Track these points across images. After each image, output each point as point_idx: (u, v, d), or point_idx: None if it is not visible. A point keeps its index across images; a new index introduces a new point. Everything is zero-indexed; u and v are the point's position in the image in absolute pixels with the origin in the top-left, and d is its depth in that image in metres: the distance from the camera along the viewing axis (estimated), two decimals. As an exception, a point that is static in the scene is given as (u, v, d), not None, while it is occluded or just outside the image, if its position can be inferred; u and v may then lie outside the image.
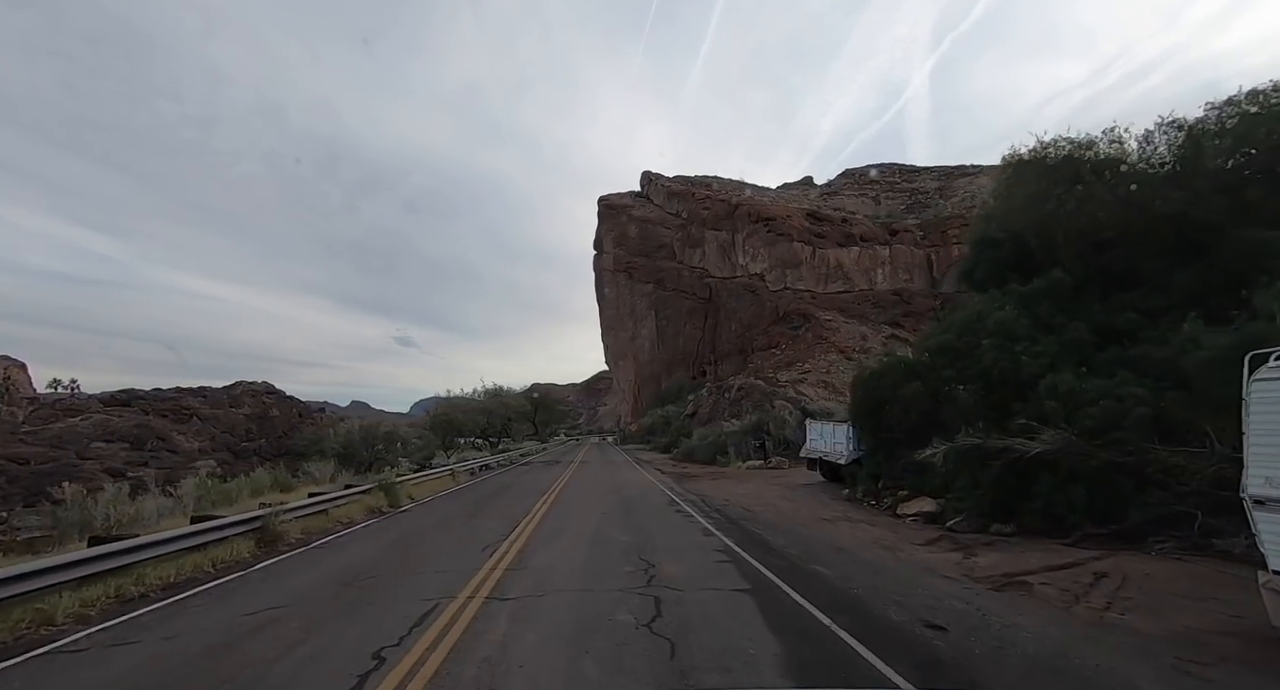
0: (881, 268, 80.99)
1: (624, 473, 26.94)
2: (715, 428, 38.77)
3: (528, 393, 69.87)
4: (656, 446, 51.32)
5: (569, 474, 25.88)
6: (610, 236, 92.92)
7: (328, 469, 22.49)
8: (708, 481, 22.50)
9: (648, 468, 31.11)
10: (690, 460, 36.83)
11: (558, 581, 7.48)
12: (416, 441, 34.68)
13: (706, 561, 8.75)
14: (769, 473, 25.95)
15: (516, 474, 26.62)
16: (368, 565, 8.69)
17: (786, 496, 17.63)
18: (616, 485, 20.70)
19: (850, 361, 67.04)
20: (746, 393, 45.71)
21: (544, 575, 7.83)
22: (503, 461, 32.56)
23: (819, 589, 7.30)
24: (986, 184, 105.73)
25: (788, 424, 33.65)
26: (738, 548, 9.79)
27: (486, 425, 42.22)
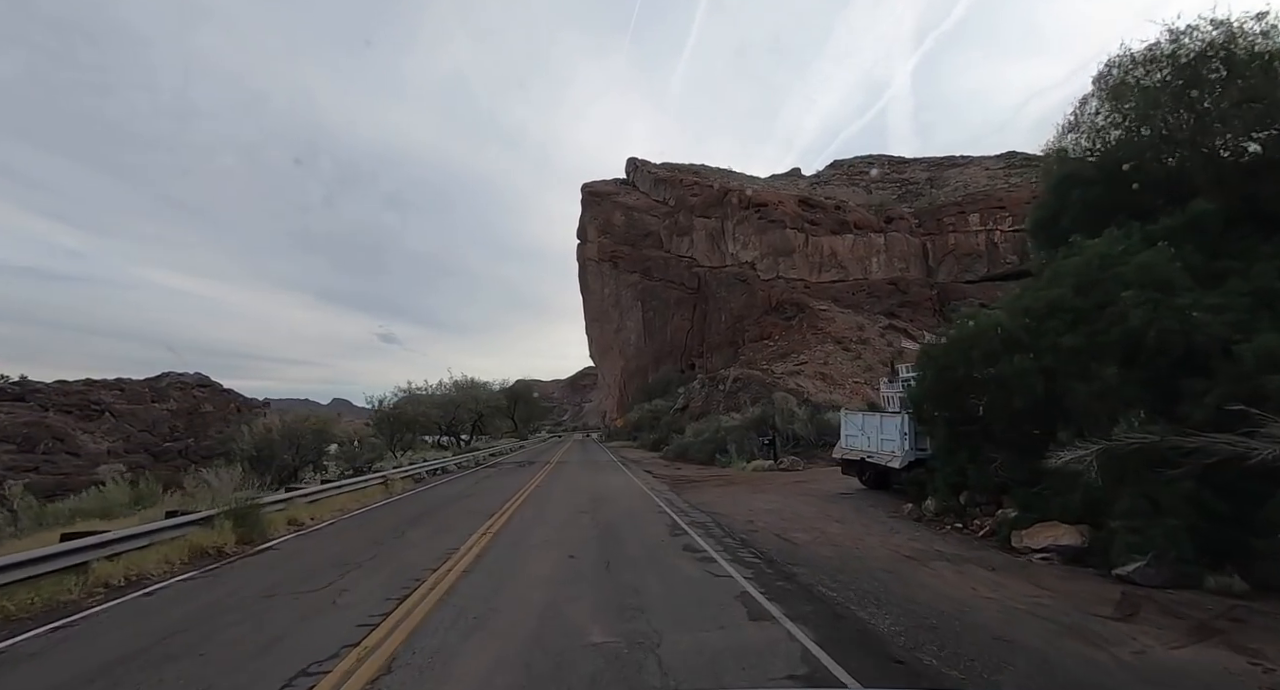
0: (876, 256, 76.72)
1: (607, 477, 21.92)
2: (711, 422, 33.91)
3: (506, 387, 64.56)
4: (644, 444, 46.35)
5: (538, 480, 20.83)
6: (594, 225, 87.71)
7: (233, 477, 17.20)
8: (713, 489, 17.56)
9: (635, 469, 26.15)
10: (684, 460, 31.93)
11: None
12: (374, 440, 29.36)
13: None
14: (783, 476, 21.09)
15: (473, 480, 21.50)
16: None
17: (828, 513, 12.73)
18: (596, 498, 15.66)
19: (848, 353, 62.67)
20: (743, 384, 40.92)
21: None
22: (466, 463, 27.44)
23: None
24: (978, 174, 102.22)
25: (796, 417, 28.85)
26: (820, 651, 4.80)
27: (454, 421, 36.98)
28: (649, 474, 23.62)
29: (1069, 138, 15.96)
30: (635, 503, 14.61)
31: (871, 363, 61.27)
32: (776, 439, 25.12)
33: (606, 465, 28.53)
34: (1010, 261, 78.57)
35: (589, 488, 17.88)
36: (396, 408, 26.96)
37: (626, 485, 18.80)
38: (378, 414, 27.24)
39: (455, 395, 37.98)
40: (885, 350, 64.48)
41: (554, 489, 17.64)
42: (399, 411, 26.85)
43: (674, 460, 32.94)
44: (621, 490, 17.38)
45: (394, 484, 17.55)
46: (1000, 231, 76.92)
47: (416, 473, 20.49)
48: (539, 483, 19.56)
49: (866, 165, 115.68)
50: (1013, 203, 78.51)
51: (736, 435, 29.18)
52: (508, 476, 22.37)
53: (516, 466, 28.02)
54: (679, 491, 17.11)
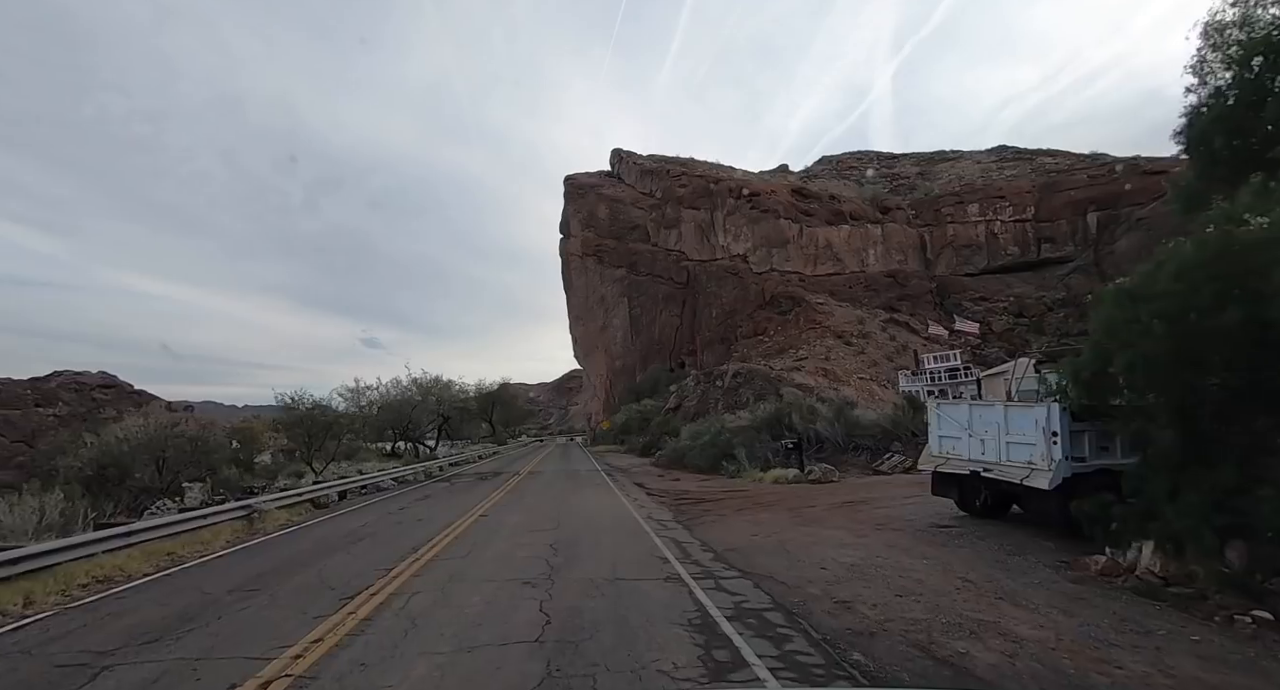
0: (874, 248, 71.82)
1: (586, 497, 16.03)
2: (711, 423, 28.25)
3: (482, 388, 58.38)
4: (633, 448, 40.55)
5: (491, 502, 14.99)
6: (578, 218, 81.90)
7: (47, 505, 11.20)
8: (738, 519, 11.81)
9: (623, 482, 20.41)
10: (681, 467, 26.23)
11: None
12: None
13: None
14: (820, 492, 15.41)
15: (402, 504, 15.55)
16: None
17: (957, 572, 7.03)
18: (564, 542, 9.80)
19: (850, 347, 57.42)
20: (744, 380, 35.33)
21: None
22: (411, 477, 21.51)
23: None
24: (969, 167, 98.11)
25: (818, 415, 23.27)
26: None
27: (410, 425, 31.03)
28: (641, 489, 17.88)
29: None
30: (626, 551, 8.80)
31: (876, 358, 56.10)
32: (802, 442, 19.46)
33: (588, 477, 22.70)
34: (1011, 253, 74.08)
35: (557, 518, 12.03)
36: (314, 409, 20.85)
37: (613, 512, 12.96)
38: (287, 416, 21.11)
39: (413, 395, 31.92)
40: (888, 345, 59.38)
41: (504, 523, 11.77)
42: (314, 414, 20.71)
43: (668, 468, 27.22)
44: (605, 523, 11.54)
45: (270, 517, 11.58)
46: (1000, 222, 72.43)
47: (323, 495, 14.51)
48: (488, 509, 13.71)
49: (856, 160, 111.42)
50: (1013, 192, 74.12)
51: (745, 437, 23.54)
52: (455, 497, 16.46)
53: (475, 480, 22.09)
54: (690, 523, 11.36)
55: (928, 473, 11.37)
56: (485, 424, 63.98)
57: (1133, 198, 66.53)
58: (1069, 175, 73.10)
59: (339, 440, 21.54)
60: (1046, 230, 70.38)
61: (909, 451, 21.21)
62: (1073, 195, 69.48)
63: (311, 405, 20.90)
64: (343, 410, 30.41)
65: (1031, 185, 73.19)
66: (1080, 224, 68.97)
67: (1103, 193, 68.04)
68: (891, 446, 21.60)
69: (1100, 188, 68.59)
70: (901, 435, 21.95)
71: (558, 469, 27.18)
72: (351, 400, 30.58)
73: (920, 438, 22.63)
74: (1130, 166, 69.69)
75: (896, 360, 55.04)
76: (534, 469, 27.32)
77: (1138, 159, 70.91)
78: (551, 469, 27.24)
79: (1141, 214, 66.81)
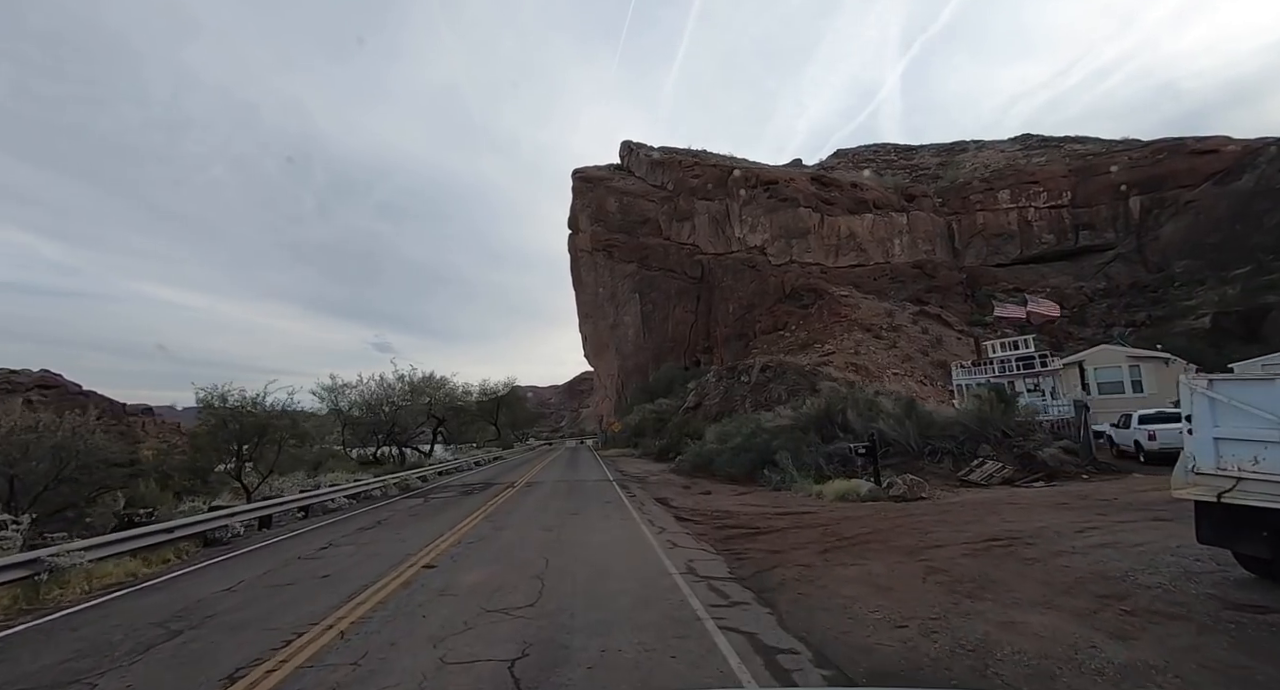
0: (899, 237, 66.74)
1: (590, 527, 11.21)
2: (743, 423, 23.52)
3: (487, 388, 54.01)
4: (648, 452, 35.85)
5: (458, 534, 10.37)
6: (586, 213, 77.54)
7: None
8: (840, 576, 6.95)
9: (640, 497, 15.72)
10: (708, 475, 21.54)
11: None
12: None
13: None
14: (918, 514, 10.55)
15: (342, 531, 10.99)
16: None
17: None
18: (534, 644, 5.11)
19: (880, 340, 52.23)
20: (775, 374, 30.54)
21: None
22: (378, 491, 16.96)
23: None
24: (993, 156, 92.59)
25: (881, 412, 18.44)
26: None
27: (396, 428, 26.59)
28: (666, 510, 13.19)
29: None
30: (666, 677, 4.16)
31: (909, 352, 50.90)
32: (876, 446, 14.60)
33: (596, 491, 18.00)
34: (1046, 241, 68.52)
35: (543, 573, 7.36)
36: (243, 408, 16.05)
37: (630, 559, 8.17)
38: (205, 417, 16.50)
39: (397, 394, 27.49)
40: (921, 338, 54.13)
41: (455, 585, 6.99)
42: (243, 414, 15.89)
43: (692, 475, 22.51)
44: (619, 585, 6.77)
45: (75, 577, 7.05)
46: (1035, 209, 67.01)
47: (223, 528, 9.95)
48: (447, 549, 9.08)
49: (872, 153, 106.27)
50: (1047, 177, 68.62)
51: (788, 440, 18.77)
52: (413, 524, 11.83)
53: (458, 495, 17.47)
54: (762, 585, 6.60)
55: (1198, 502, 6.52)
56: (492, 427, 59.66)
57: (1180, 179, 61.01)
58: (1108, 158, 67.54)
59: (279, 446, 16.98)
60: (1084, 216, 64.91)
61: (1002, 455, 16.35)
62: (1113, 178, 63.99)
63: (239, 403, 16.22)
64: (316, 411, 26.05)
65: (1067, 170, 67.74)
66: (1122, 209, 63.47)
67: (1146, 175, 62.51)
68: (979, 450, 16.75)
69: (1143, 170, 63.05)
70: (989, 436, 17.10)
71: (561, 478, 22.53)
72: (328, 400, 26.23)
73: (1013, 439, 17.81)
74: (1174, 147, 64.09)
75: (932, 354, 49.92)
76: (533, 478, 22.71)
77: (1183, 139, 65.31)
78: (554, 478, 22.60)
79: (1190, 197, 61.18)
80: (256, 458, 16.48)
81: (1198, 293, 54.95)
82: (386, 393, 27.26)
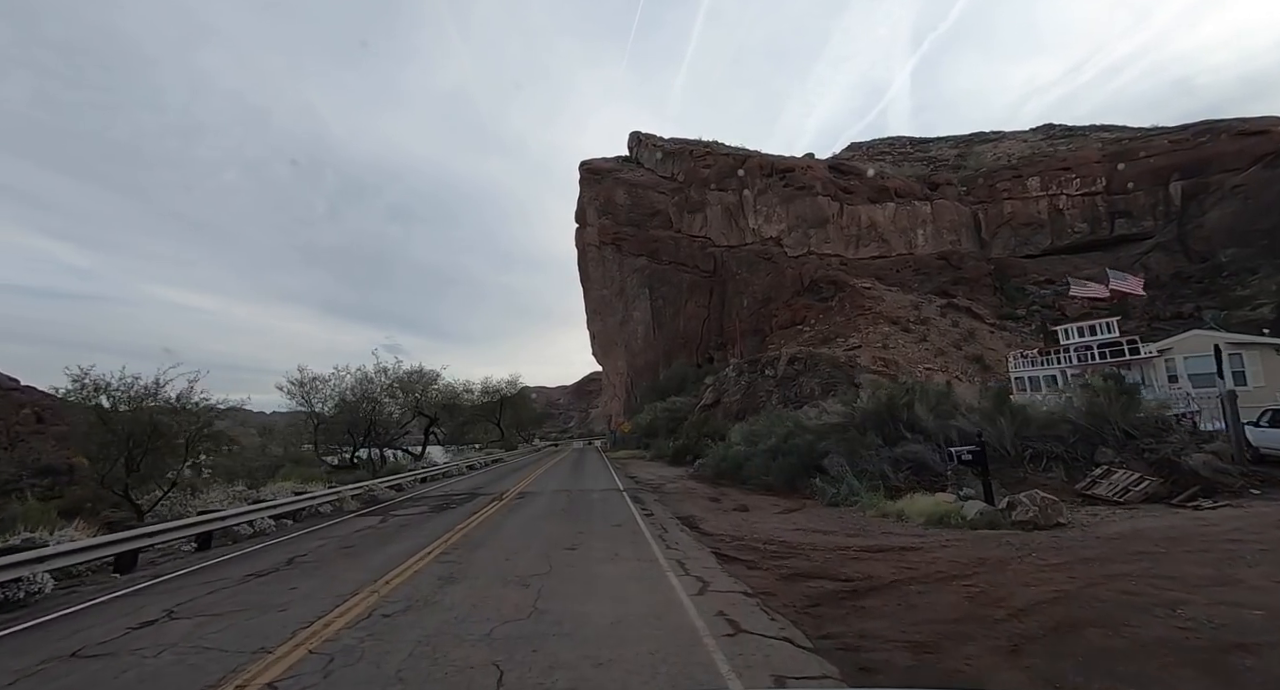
0: (922, 227, 62.50)
1: (591, 572, 7.33)
2: (777, 421, 19.62)
3: (489, 386, 50.45)
4: (661, 454, 31.95)
5: (391, 586, 6.68)
6: (594, 206, 73.90)
7: None
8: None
9: (659, 515, 11.89)
10: (736, 483, 17.70)
11: None
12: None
13: None
14: (1074, 555, 6.70)
15: (224, 576, 7.35)
16: None
17: None
18: None
19: (909, 334, 48.03)
20: (805, 367, 26.59)
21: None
22: (328, 506, 13.25)
23: None
24: (1014, 146, 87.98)
25: (957, 407, 14.50)
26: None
27: (372, 428, 22.93)
28: (697, 539, 9.36)
29: None
30: None
31: (941, 345, 46.70)
32: (985, 450, 10.62)
33: (602, 505, 14.18)
34: (1079, 230, 63.93)
35: (498, 679, 3.70)
36: (128, 403, 11.93)
37: (660, 661, 4.44)
38: (81, 414, 12.38)
39: (373, 390, 23.83)
40: (952, 332, 49.86)
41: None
42: (131, 415, 11.84)
43: (715, 483, 18.68)
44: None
45: None
46: (1066, 196, 62.49)
47: (26, 578, 6.31)
48: (350, 623, 5.39)
49: (888, 146, 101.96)
50: (1079, 163, 64.02)
51: (840, 441, 14.88)
52: (336, 566, 8.00)
53: (428, 512, 13.69)
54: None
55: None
56: (494, 427, 56.08)
57: (1225, 163, 56.33)
58: (1145, 142, 62.90)
59: (186, 456, 13.15)
60: (1121, 204, 60.33)
61: (1131, 462, 12.38)
62: (1152, 163, 59.38)
63: (120, 394, 12.16)
64: (291, 410, 22.44)
65: (1101, 155, 63.17)
66: (1161, 195, 58.85)
67: (1188, 159, 57.87)
68: (1096, 455, 12.78)
69: (1185, 153, 58.41)
70: (1106, 436, 13.13)
71: (561, 488, 18.72)
72: (298, 396, 22.60)
73: (1138, 440, 13.65)
74: (1218, 128, 59.43)
75: (966, 348, 45.74)
76: (528, 487, 18.92)
77: (1227, 121, 60.61)
78: (553, 487, 18.79)
79: (1237, 181, 56.50)
80: (153, 466, 12.74)
81: (1251, 282, 50.43)
82: (366, 388, 23.71)
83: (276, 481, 16.10)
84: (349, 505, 14.34)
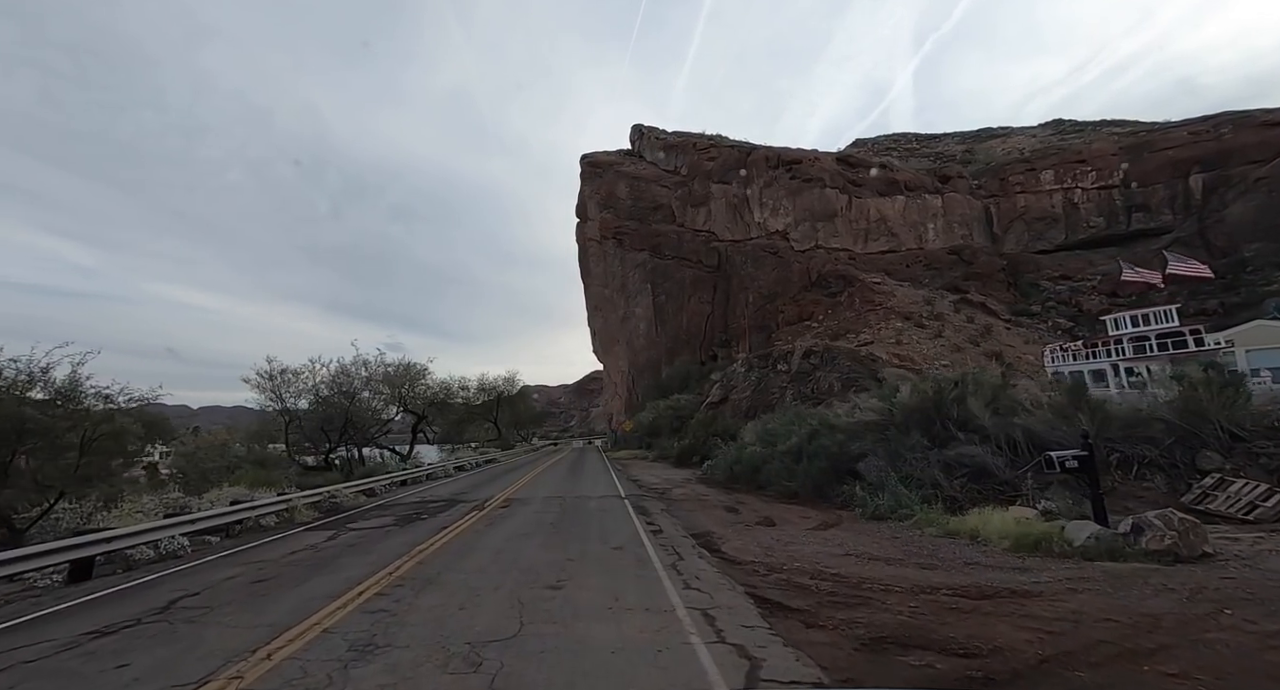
0: (933, 221, 60.14)
1: (580, 640, 5.24)
2: (796, 419, 17.34)
3: (485, 383, 48.24)
4: (665, 455, 29.66)
5: (264, 667, 4.46)
6: (595, 200, 71.60)
7: None
8: None
9: (669, 532, 9.60)
10: (751, 487, 15.43)
11: None
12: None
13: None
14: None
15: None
16: None
17: None
18: None
19: (923, 330, 45.68)
20: (823, 360, 24.29)
21: None
22: (271, 517, 10.94)
23: None
24: (1024, 141, 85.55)
25: (1018, 402, 12.18)
26: None
27: (348, 426, 20.63)
28: (721, 570, 7.10)
29: None
30: None
31: (958, 341, 44.31)
32: (1094, 455, 8.33)
33: (599, 516, 11.88)
34: (1095, 225, 61.55)
35: None
36: None
37: None
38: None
39: (349, 383, 21.48)
40: (968, 327, 47.47)
41: None
42: None
43: (729, 488, 16.40)
44: None
45: None
46: (1082, 190, 60.07)
47: None
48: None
49: (893, 142, 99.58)
50: (1095, 156, 61.63)
51: (880, 442, 12.59)
52: (226, 615, 5.84)
53: (395, 524, 11.43)
54: None
55: None
56: (491, 425, 53.82)
57: (1248, 154, 53.88)
58: (1164, 134, 60.48)
59: (83, 453, 10.91)
60: (1139, 197, 57.91)
61: (1246, 468, 10.07)
62: (1171, 155, 56.95)
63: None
64: (262, 406, 20.21)
65: (1117, 147, 60.74)
66: (1181, 188, 56.42)
67: (1209, 151, 55.45)
68: (1198, 459, 10.47)
69: (1205, 145, 55.99)
70: (1208, 437, 10.81)
71: (555, 493, 16.42)
72: (268, 390, 20.29)
73: (1249, 442, 11.23)
74: (1241, 120, 57.03)
75: (983, 345, 43.35)
76: (517, 493, 16.64)
77: (1250, 112, 58.19)
78: (545, 493, 16.51)
79: (1261, 173, 54.06)
80: (34, 470, 10.46)
81: (1277, 277, 48.14)
82: (343, 383, 21.38)
83: (229, 486, 13.84)
84: (302, 515, 12.07)
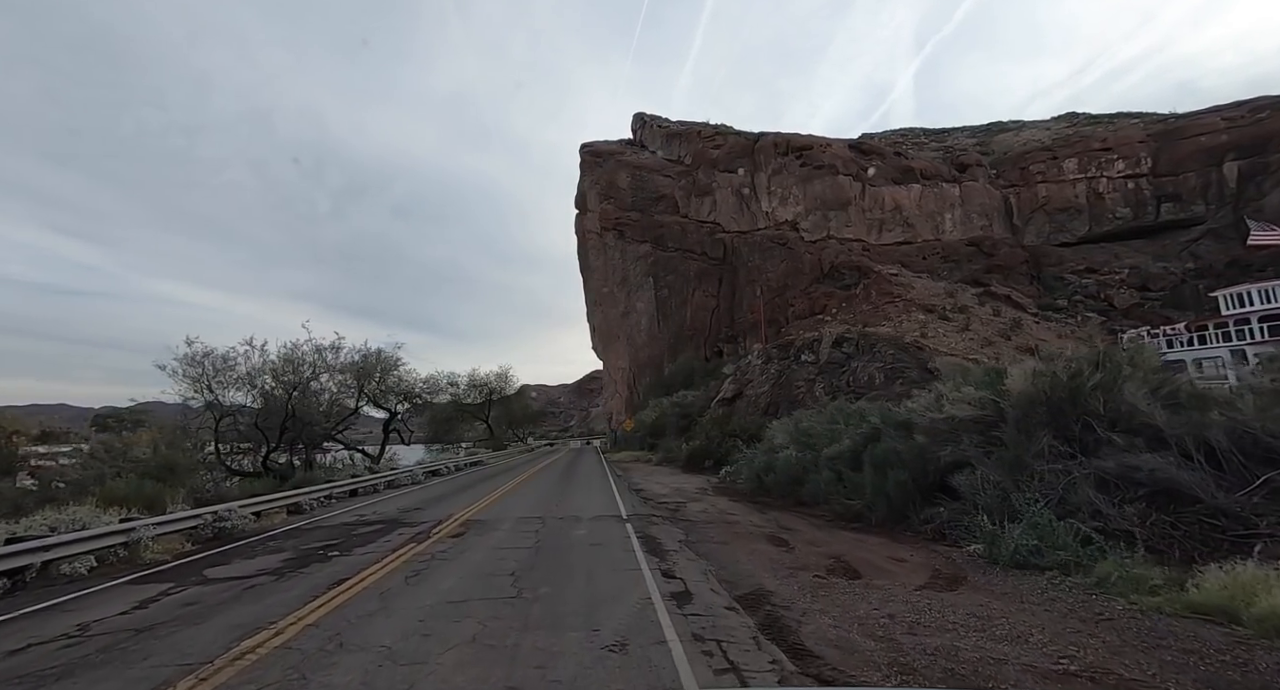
0: (950, 211, 56.32)
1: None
2: (837, 415, 13.49)
3: (476, 379, 44.44)
4: (670, 457, 25.76)
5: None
6: (595, 190, 67.82)
7: None
8: None
9: (699, 596, 5.78)
10: (789, 502, 11.55)
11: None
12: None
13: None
14: None
15: None
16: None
17: None
18: None
19: (949, 322, 41.79)
20: (859, 349, 20.47)
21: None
22: (82, 568, 7.24)
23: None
24: (1037, 134, 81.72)
25: (1180, 390, 8.37)
26: None
27: (289, 424, 16.79)
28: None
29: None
30: None
31: (987, 335, 40.44)
32: None
33: (590, 552, 8.06)
34: (1121, 216, 57.78)
35: None
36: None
37: None
38: None
39: (295, 374, 17.64)
40: (995, 321, 43.60)
41: None
42: None
43: (757, 501, 12.54)
44: None
45: None
46: (1107, 179, 56.27)
47: None
48: None
49: (901, 137, 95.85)
50: (1121, 144, 57.89)
51: (988, 444, 8.75)
52: None
53: (268, 574, 7.63)
54: None
55: None
56: (483, 424, 50.02)
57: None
58: (1195, 120, 56.66)
59: None
60: (1168, 186, 54.06)
61: None
62: (1204, 142, 53.12)
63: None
64: (187, 399, 16.34)
65: (1145, 134, 56.91)
66: (1214, 176, 52.57)
67: (1246, 136, 51.62)
68: None
69: (1241, 131, 52.16)
70: None
71: (533, 512, 12.54)
72: (198, 382, 16.41)
73: None
74: (1279, 104, 53.23)
75: (1015, 339, 39.52)
76: (486, 510, 12.79)
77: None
78: (522, 511, 12.65)
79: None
80: None
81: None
82: (292, 374, 17.49)
83: (89, 502, 10.03)
84: (153, 552, 8.21)
